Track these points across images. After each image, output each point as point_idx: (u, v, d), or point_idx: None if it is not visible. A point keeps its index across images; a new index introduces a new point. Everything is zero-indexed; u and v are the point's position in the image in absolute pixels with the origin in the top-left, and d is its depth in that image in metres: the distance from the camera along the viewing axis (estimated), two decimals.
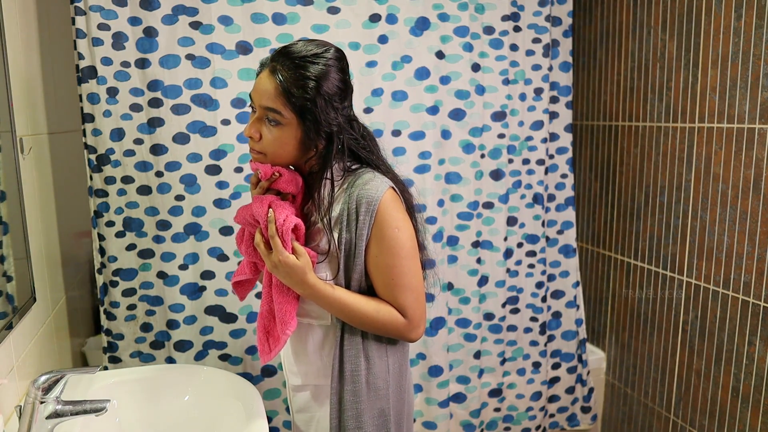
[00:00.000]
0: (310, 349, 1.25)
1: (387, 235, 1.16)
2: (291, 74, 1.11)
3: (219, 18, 1.66)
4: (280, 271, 1.14)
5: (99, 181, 1.67)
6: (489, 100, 1.95)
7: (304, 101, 1.11)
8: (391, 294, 1.18)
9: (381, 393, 1.22)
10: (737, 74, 1.67)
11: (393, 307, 1.19)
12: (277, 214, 1.12)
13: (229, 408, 1.34)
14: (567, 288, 2.17)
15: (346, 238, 1.16)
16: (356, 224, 1.15)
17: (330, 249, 1.18)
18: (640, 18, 2.03)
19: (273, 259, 1.13)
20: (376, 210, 1.14)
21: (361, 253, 1.17)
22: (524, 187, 2.05)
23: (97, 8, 1.59)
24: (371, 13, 1.78)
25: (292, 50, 1.14)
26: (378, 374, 1.21)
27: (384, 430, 1.23)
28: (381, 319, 1.18)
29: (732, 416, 1.75)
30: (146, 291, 1.74)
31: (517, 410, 2.14)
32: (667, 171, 1.95)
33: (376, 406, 1.22)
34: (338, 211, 1.17)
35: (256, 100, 1.15)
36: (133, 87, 1.65)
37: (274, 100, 1.12)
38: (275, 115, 1.13)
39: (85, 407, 1.11)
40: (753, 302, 1.66)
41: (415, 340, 1.23)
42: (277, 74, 1.12)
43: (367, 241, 1.16)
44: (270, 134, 1.14)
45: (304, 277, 1.14)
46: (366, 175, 1.18)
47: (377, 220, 1.15)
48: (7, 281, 1.23)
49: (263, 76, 1.14)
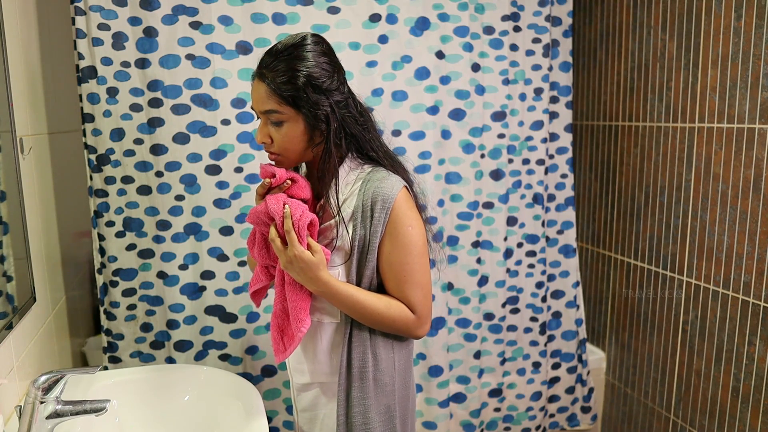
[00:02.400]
0: (320, 347, 1.26)
1: (401, 232, 1.19)
2: (275, 73, 1.15)
3: (219, 18, 1.66)
4: (294, 267, 1.15)
5: (99, 181, 1.67)
6: (489, 100, 1.95)
7: (295, 92, 1.15)
8: (402, 291, 1.21)
9: (387, 390, 1.24)
10: (737, 74, 1.67)
11: (402, 303, 1.22)
12: (293, 210, 1.14)
13: (229, 408, 1.34)
14: (567, 288, 2.17)
15: (360, 234, 1.19)
16: (371, 221, 1.18)
17: (344, 245, 1.20)
18: (640, 18, 2.03)
19: (288, 254, 1.14)
20: (391, 208, 1.17)
21: (375, 250, 1.19)
22: (524, 187, 2.05)
23: (97, 8, 1.59)
24: (371, 13, 1.78)
25: (272, 50, 1.18)
26: (385, 371, 1.23)
27: (390, 426, 1.25)
28: (391, 315, 1.20)
29: (732, 416, 1.75)
30: (146, 291, 1.74)
31: (517, 410, 2.14)
32: (667, 171, 1.95)
33: (383, 403, 1.24)
34: (353, 208, 1.19)
35: (256, 108, 1.20)
36: (133, 87, 1.65)
37: (268, 101, 1.16)
38: (275, 115, 1.17)
39: (85, 407, 1.11)
40: (753, 302, 1.67)
41: (422, 336, 1.25)
42: (264, 78, 1.17)
43: (381, 238, 1.19)
44: (278, 134, 1.18)
45: (318, 273, 1.15)
46: (380, 173, 1.21)
47: (392, 218, 1.18)
48: (7, 281, 1.23)
49: (254, 85, 1.19)
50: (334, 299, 1.19)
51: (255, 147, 1.73)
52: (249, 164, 1.73)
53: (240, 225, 1.75)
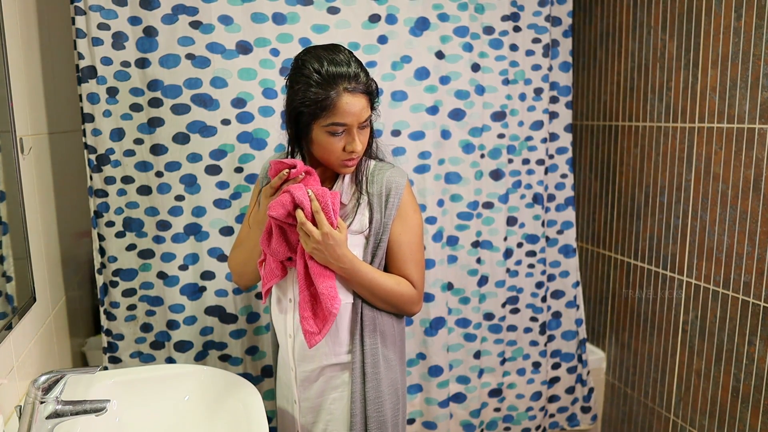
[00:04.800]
0: (341, 326, 1.34)
1: (409, 215, 1.34)
2: (365, 81, 1.24)
3: (219, 18, 1.66)
4: (325, 246, 1.22)
5: (99, 181, 1.67)
6: (489, 100, 1.95)
7: (374, 97, 1.27)
8: (406, 268, 1.34)
9: (392, 365, 1.37)
10: (737, 74, 1.67)
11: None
12: (320, 194, 1.22)
13: (229, 408, 1.34)
14: (567, 288, 2.17)
15: (377, 218, 1.31)
16: (386, 206, 1.31)
17: (361, 227, 1.31)
18: (640, 18, 2.03)
19: (319, 234, 1.21)
20: (402, 194, 1.32)
21: (388, 231, 1.32)
22: (524, 187, 2.05)
23: (97, 8, 1.58)
24: (371, 14, 1.78)
25: (344, 65, 1.22)
26: (390, 347, 1.36)
27: (395, 398, 1.38)
28: (401, 290, 1.33)
29: (732, 416, 1.75)
30: (146, 291, 1.74)
31: (517, 410, 2.14)
32: (667, 171, 1.95)
33: (390, 377, 1.36)
34: (369, 195, 1.31)
35: (353, 120, 1.23)
36: (133, 87, 1.65)
37: (368, 109, 1.25)
38: (368, 119, 1.27)
39: (85, 407, 1.11)
40: (753, 302, 1.67)
41: (417, 312, 1.39)
42: (358, 90, 1.22)
43: (392, 221, 1.32)
44: (365, 138, 1.28)
45: (345, 251, 1.24)
46: (385, 165, 1.35)
47: (402, 203, 1.32)
48: (7, 281, 1.23)
49: (348, 100, 1.21)
50: (354, 277, 1.28)
51: (255, 147, 1.73)
52: (249, 164, 1.73)
53: (240, 225, 1.75)
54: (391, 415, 1.37)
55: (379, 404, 1.34)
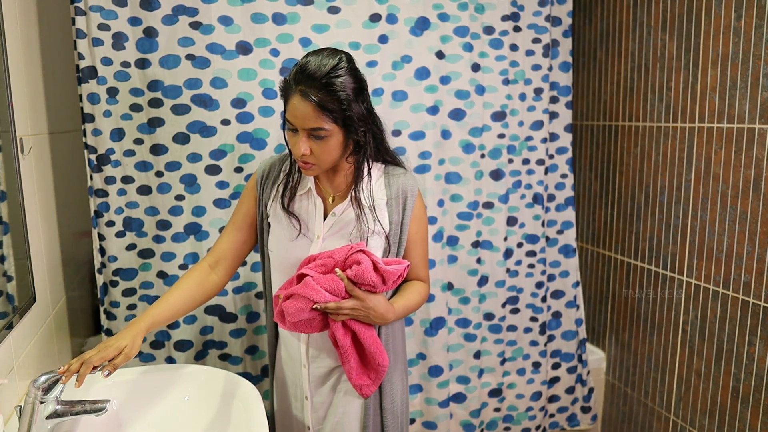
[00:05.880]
0: None
1: (423, 217, 1.43)
2: (323, 94, 1.21)
3: (219, 18, 1.66)
4: (365, 313, 1.30)
5: (99, 181, 1.67)
6: (489, 100, 1.95)
7: (342, 112, 1.23)
8: (419, 264, 1.44)
9: (400, 356, 1.47)
10: (737, 74, 1.67)
11: (415, 278, 1.44)
12: (360, 270, 1.26)
13: (229, 408, 1.34)
14: (567, 288, 2.17)
15: (395, 220, 1.38)
16: (404, 208, 1.38)
17: (381, 230, 1.36)
18: (640, 18, 2.03)
19: (364, 304, 1.29)
20: (416, 197, 1.40)
21: (406, 232, 1.39)
22: (524, 187, 2.05)
23: (97, 8, 1.59)
24: (371, 13, 1.78)
25: (311, 69, 1.22)
26: (398, 340, 1.46)
27: (403, 386, 1.48)
28: (421, 299, 1.43)
29: (732, 416, 1.75)
30: (146, 291, 1.74)
31: (517, 410, 2.14)
32: (667, 171, 1.95)
33: (398, 368, 1.45)
34: (386, 199, 1.38)
35: (298, 124, 1.24)
36: (133, 87, 1.65)
37: (316, 120, 1.22)
38: (320, 131, 1.24)
39: (85, 407, 1.11)
40: (753, 302, 1.66)
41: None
42: (309, 97, 1.21)
43: (410, 222, 1.40)
44: (318, 147, 1.26)
45: (389, 307, 1.33)
46: (399, 170, 1.41)
47: (416, 205, 1.40)
48: (7, 281, 1.23)
49: (296, 103, 1.22)
50: (398, 317, 1.38)
51: (255, 147, 1.73)
52: (249, 164, 1.73)
53: None
54: (401, 412, 1.46)
55: (392, 396, 1.42)
